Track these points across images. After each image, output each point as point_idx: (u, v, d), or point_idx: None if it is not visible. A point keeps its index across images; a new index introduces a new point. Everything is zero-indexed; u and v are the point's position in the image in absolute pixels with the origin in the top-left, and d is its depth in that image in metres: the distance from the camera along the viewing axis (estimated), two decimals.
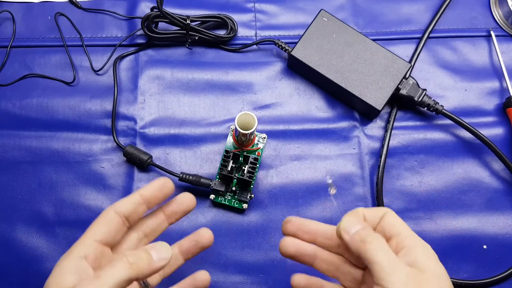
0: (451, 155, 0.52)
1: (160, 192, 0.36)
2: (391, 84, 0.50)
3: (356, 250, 0.32)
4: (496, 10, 0.57)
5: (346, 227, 0.33)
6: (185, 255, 0.39)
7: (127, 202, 0.35)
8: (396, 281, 0.29)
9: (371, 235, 0.32)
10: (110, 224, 0.34)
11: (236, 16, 0.56)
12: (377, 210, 0.34)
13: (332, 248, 0.36)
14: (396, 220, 0.33)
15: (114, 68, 0.53)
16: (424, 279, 0.30)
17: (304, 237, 0.37)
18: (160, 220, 0.38)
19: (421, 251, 0.31)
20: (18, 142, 0.51)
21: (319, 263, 0.37)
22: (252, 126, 0.45)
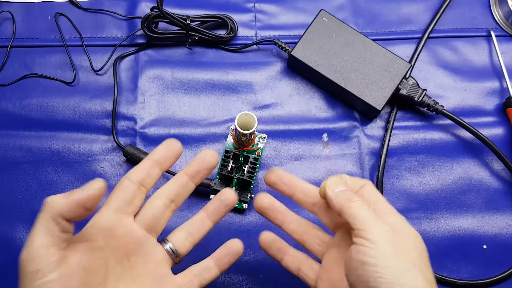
0: (451, 155, 0.52)
1: (169, 151, 0.37)
2: (391, 84, 0.50)
3: (338, 206, 0.34)
4: (496, 10, 0.57)
5: (331, 185, 0.35)
6: (212, 217, 0.38)
7: (138, 168, 0.36)
8: (377, 231, 0.31)
9: (355, 195, 0.34)
10: (124, 192, 0.35)
11: (236, 16, 0.56)
12: (359, 179, 0.36)
13: (307, 205, 0.38)
14: (375, 191, 0.35)
15: (114, 68, 0.53)
16: (402, 237, 0.32)
17: (283, 188, 0.38)
18: (183, 182, 0.37)
19: (397, 217, 0.34)
20: (18, 142, 0.51)
21: (289, 223, 0.39)
22: (252, 126, 0.45)
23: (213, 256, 0.38)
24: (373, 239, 0.31)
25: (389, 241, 0.31)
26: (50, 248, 0.30)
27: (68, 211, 0.31)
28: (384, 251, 0.31)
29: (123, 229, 0.34)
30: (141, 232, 0.36)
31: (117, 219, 0.34)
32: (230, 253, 0.38)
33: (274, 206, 0.39)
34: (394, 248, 0.31)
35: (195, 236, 0.38)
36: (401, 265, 0.30)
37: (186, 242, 0.37)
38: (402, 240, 0.32)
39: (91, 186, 0.32)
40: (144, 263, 0.35)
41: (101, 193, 0.32)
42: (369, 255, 0.31)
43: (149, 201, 0.37)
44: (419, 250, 0.32)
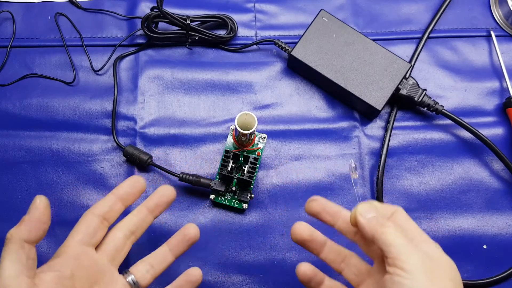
0: (451, 155, 0.52)
1: (133, 188, 0.39)
2: (391, 84, 0.50)
3: (371, 233, 0.32)
4: (496, 10, 0.57)
5: (362, 212, 0.34)
6: (174, 252, 0.40)
7: (102, 203, 0.38)
8: (413, 261, 0.30)
9: (388, 221, 0.33)
10: (88, 225, 0.37)
11: (236, 16, 0.56)
12: (390, 206, 0.35)
13: (349, 234, 0.37)
14: (407, 217, 0.34)
15: (114, 68, 0.53)
16: (437, 265, 0.31)
17: (326, 218, 0.37)
18: (143, 215, 0.39)
19: (432, 246, 0.33)
20: (18, 142, 0.51)
21: (327, 252, 0.38)
22: (252, 126, 0.45)
23: (173, 285, 0.39)
24: (408, 269, 0.30)
25: (424, 272, 0.30)
26: (20, 277, 0.31)
27: (30, 233, 0.33)
28: (420, 282, 0.30)
29: (88, 260, 0.36)
30: (104, 262, 0.37)
31: (82, 250, 0.36)
32: (190, 281, 0.39)
33: (313, 237, 0.38)
34: (430, 279, 0.30)
35: (156, 269, 0.39)
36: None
37: (147, 274, 0.39)
38: (437, 270, 0.31)
39: (36, 205, 0.33)
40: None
41: (47, 205, 0.34)
42: (403, 285, 0.30)
43: (111, 233, 0.38)
44: (454, 281, 0.31)
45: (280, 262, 0.48)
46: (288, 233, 0.48)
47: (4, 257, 0.31)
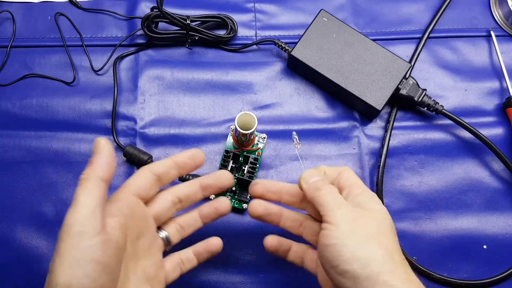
0: (451, 155, 0.52)
1: (191, 160, 0.39)
2: (391, 84, 0.50)
3: (310, 197, 0.36)
4: (496, 10, 0.57)
5: (305, 177, 0.37)
6: (204, 219, 0.41)
7: (161, 163, 0.38)
8: (338, 214, 0.33)
9: (325, 184, 0.36)
10: (145, 179, 0.37)
11: (236, 16, 0.56)
12: (337, 167, 0.38)
13: (295, 204, 0.40)
14: (351, 175, 0.37)
15: (114, 68, 0.53)
16: (364, 214, 0.34)
17: (271, 196, 0.40)
18: (195, 189, 0.40)
19: (366, 196, 0.35)
20: (18, 142, 0.51)
21: (284, 221, 0.41)
22: (252, 126, 0.45)
23: (194, 249, 0.41)
24: (333, 222, 0.33)
25: (348, 221, 0.33)
26: (96, 213, 0.32)
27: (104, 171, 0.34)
28: (343, 231, 0.32)
29: (140, 212, 0.37)
30: (151, 218, 0.38)
31: (135, 201, 0.37)
32: (209, 250, 0.41)
33: (268, 211, 0.40)
34: (353, 226, 0.33)
35: (186, 230, 0.41)
36: (358, 240, 0.32)
37: (177, 234, 0.40)
38: (363, 217, 0.33)
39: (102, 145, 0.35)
40: (148, 246, 0.37)
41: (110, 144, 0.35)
42: (330, 237, 0.33)
43: (162, 194, 0.39)
44: (380, 225, 0.34)
45: (280, 262, 0.48)
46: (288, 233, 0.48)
47: (78, 195, 0.32)
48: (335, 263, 0.32)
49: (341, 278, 0.32)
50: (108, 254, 0.31)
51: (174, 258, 0.40)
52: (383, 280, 0.30)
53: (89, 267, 0.30)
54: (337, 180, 0.37)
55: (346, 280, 0.31)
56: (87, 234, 0.31)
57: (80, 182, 0.33)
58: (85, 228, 0.31)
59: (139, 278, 0.36)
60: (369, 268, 0.31)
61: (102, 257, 0.31)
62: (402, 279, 0.31)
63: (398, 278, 0.31)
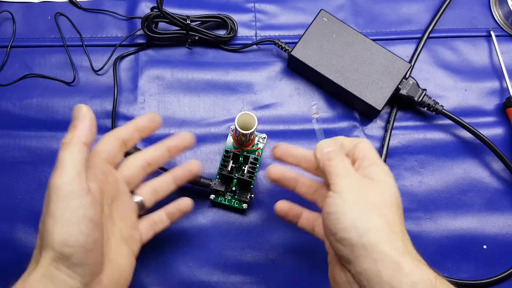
0: (451, 155, 0.52)
1: (151, 123, 0.42)
2: (391, 84, 0.50)
3: (322, 166, 0.36)
4: (496, 10, 0.57)
5: (320, 147, 0.37)
6: (177, 181, 0.44)
7: (123, 129, 0.40)
8: (344, 183, 0.33)
9: (338, 154, 0.36)
10: (111, 145, 0.39)
11: (236, 16, 0.56)
12: (354, 139, 0.38)
13: (312, 171, 0.41)
14: (367, 146, 0.36)
15: (114, 68, 0.53)
16: (370, 185, 0.34)
17: (290, 160, 0.42)
18: (162, 151, 0.43)
19: (377, 167, 0.35)
20: (18, 142, 0.51)
21: (300, 186, 0.42)
22: (252, 126, 0.45)
23: (166, 210, 0.43)
24: (338, 190, 0.33)
25: (352, 190, 0.33)
26: (81, 174, 0.33)
27: (87, 135, 0.35)
28: (345, 199, 0.32)
29: (112, 177, 0.38)
30: (122, 183, 0.40)
31: (107, 167, 0.38)
32: (180, 210, 0.44)
33: (284, 175, 0.43)
34: (356, 195, 0.33)
35: (159, 194, 0.43)
36: (359, 209, 0.32)
37: (151, 197, 0.42)
38: (368, 188, 0.33)
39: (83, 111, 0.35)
40: (123, 209, 0.39)
41: (91, 112, 0.36)
42: (332, 205, 0.33)
43: (130, 159, 0.42)
44: (383, 195, 0.33)
45: (280, 262, 0.48)
46: (288, 233, 0.48)
47: (63, 158, 0.33)
48: (334, 230, 0.32)
49: (339, 246, 0.32)
50: (97, 212, 0.33)
51: (147, 219, 0.42)
52: (379, 250, 0.30)
53: (83, 224, 0.32)
54: (352, 151, 0.37)
55: (343, 247, 0.32)
56: (77, 194, 0.32)
57: (63, 146, 0.34)
58: (74, 188, 0.32)
59: (117, 238, 0.38)
60: (366, 237, 0.31)
61: (93, 214, 0.33)
62: (399, 249, 0.31)
63: (396, 248, 0.31)
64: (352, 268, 0.32)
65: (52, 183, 0.32)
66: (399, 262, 0.30)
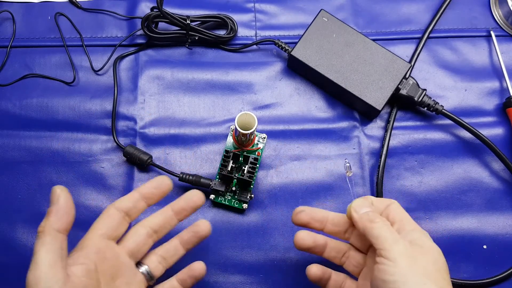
0: (451, 155, 0.52)
1: (158, 189, 0.39)
2: (391, 84, 0.50)
3: (362, 228, 0.36)
4: (496, 10, 0.57)
5: (356, 207, 0.37)
6: (186, 246, 0.41)
7: (126, 199, 0.38)
8: (396, 250, 0.33)
9: (377, 216, 0.36)
10: (111, 219, 0.37)
11: (236, 16, 0.56)
12: (385, 200, 0.38)
13: (339, 234, 0.40)
14: (400, 209, 0.37)
15: (114, 68, 0.53)
16: (421, 252, 0.34)
17: (315, 225, 0.40)
18: (169, 216, 0.40)
19: (419, 233, 0.36)
20: (18, 142, 0.51)
21: (329, 251, 0.41)
22: (252, 126, 0.45)
23: (177, 277, 0.40)
24: (391, 257, 0.33)
25: (407, 258, 0.33)
26: (56, 267, 0.32)
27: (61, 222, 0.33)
28: (403, 268, 0.33)
29: (110, 253, 0.37)
30: (125, 256, 0.38)
31: (104, 243, 0.36)
32: (193, 276, 0.40)
33: (316, 243, 0.40)
34: (412, 264, 0.33)
35: (168, 261, 0.40)
36: (418, 279, 0.32)
37: (160, 266, 0.40)
38: (420, 256, 0.34)
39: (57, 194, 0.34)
40: (127, 285, 0.37)
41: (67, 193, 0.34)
42: (388, 273, 0.33)
43: (134, 229, 0.39)
44: (437, 264, 0.34)
45: (280, 262, 0.48)
46: (288, 233, 0.48)
47: (38, 249, 0.32)
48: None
49: None
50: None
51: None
52: None
53: None
54: (385, 212, 0.37)
55: None
56: None
57: (37, 235, 0.33)
58: (47, 283, 0.31)
59: None
60: None
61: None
62: None
63: None
64: None
65: (27, 280, 0.31)
66: None
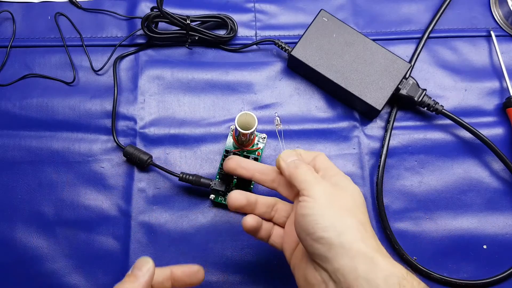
0: (451, 155, 0.52)
1: (189, 278, 0.38)
2: (391, 84, 0.50)
3: (288, 174, 0.38)
4: (496, 10, 0.57)
5: (284, 156, 0.40)
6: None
7: (160, 272, 0.37)
8: (317, 189, 0.36)
9: (303, 163, 0.38)
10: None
11: (236, 16, 0.56)
12: (313, 152, 0.41)
13: (266, 183, 0.42)
14: (327, 160, 0.40)
15: (114, 68, 0.53)
16: (341, 191, 0.37)
17: (243, 172, 0.42)
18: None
19: (342, 177, 0.38)
20: (18, 142, 0.51)
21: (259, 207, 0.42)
22: (252, 126, 0.45)
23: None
24: (312, 195, 0.35)
25: (326, 195, 0.35)
26: None
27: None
28: (321, 203, 0.35)
29: None
30: None
31: None
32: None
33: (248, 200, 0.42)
34: (331, 199, 0.35)
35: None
36: (335, 212, 0.35)
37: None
38: (339, 193, 0.36)
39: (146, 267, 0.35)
40: None
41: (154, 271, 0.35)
42: (308, 208, 0.35)
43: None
44: (355, 201, 0.36)
45: (280, 262, 0.48)
46: None
47: None
48: (312, 230, 0.34)
49: (316, 244, 0.34)
50: None
51: None
52: (355, 248, 0.33)
53: None
54: (312, 163, 0.40)
55: (321, 245, 0.34)
56: None
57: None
58: None
59: None
60: (344, 236, 0.33)
61: None
62: (373, 246, 0.34)
63: (370, 246, 0.33)
64: (329, 265, 0.34)
65: None
66: (373, 258, 0.33)
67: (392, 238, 0.48)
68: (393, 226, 0.49)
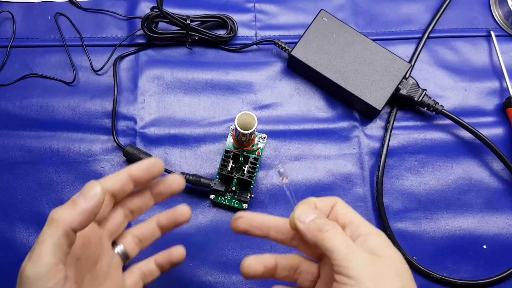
0: (451, 155, 0.52)
1: (149, 173, 0.35)
2: (391, 84, 0.50)
3: (312, 239, 0.32)
4: (496, 10, 0.57)
5: (300, 216, 0.32)
6: (163, 229, 0.39)
7: (114, 179, 0.34)
8: (356, 266, 0.29)
9: (327, 223, 0.32)
10: None
11: (236, 16, 0.56)
12: (328, 199, 0.34)
13: (285, 242, 0.36)
14: (347, 209, 0.33)
15: (114, 68, 0.53)
16: (382, 264, 0.30)
17: (256, 232, 0.36)
18: (147, 198, 0.38)
19: (377, 238, 0.32)
20: (18, 142, 0.51)
21: (280, 272, 0.36)
22: (252, 126, 0.45)
23: (156, 259, 0.39)
24: (353, 276, 0.29)
25: (370, 275, 0.29)
26: (58, 266, 0.29)
27: (80, 222, 0.30)
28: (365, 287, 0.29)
29: (95, 238, 0.34)
30: (106, 239, 0.36)
31: (91, 228, 0.34)
32: (171, 261, 0.39)
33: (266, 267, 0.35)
34: (376, 281, 0.29)
35: (144, 243, 0.38)
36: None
37: (136, 247, 0.38)
38: (384, 270, 0.30)
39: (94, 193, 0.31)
40: (106, 269, 0.35)
41: (103, 198, 0.31)
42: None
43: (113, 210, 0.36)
44: (402, 277, 0.30)
45: None
46: None
47: (44, 240, 0.29)
48: None
49: None
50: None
51: (135, 272, 0.38)
52: None
53: None
54: (332, 214, 0.34)
55: None
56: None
57: (49, 221, 0.29)
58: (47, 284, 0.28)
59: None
60: None
61: None
62: None
63: None
64: None
65: (26, 271, 0.29)
66: None
67: (392, 238, 0.48)
68: (393, 226, 0.49)
